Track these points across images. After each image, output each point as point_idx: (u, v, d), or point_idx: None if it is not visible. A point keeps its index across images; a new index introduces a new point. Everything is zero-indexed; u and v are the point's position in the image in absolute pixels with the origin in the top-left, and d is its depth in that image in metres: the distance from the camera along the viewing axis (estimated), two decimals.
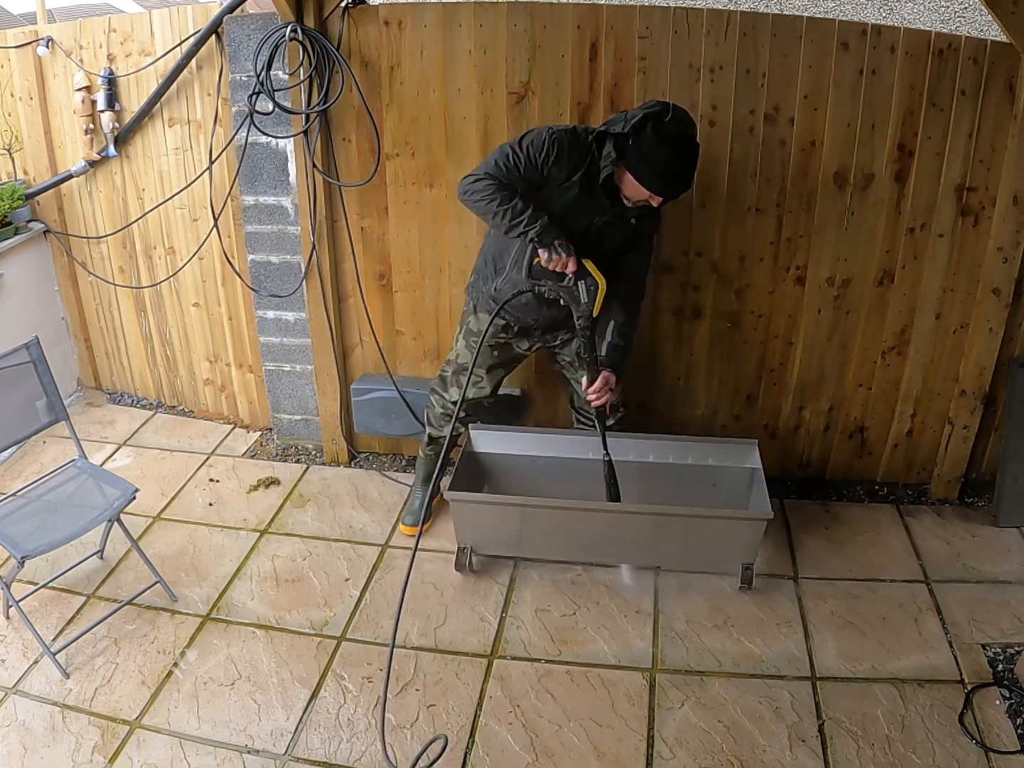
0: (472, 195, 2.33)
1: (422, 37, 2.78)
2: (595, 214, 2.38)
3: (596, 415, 2.62)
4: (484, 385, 2.78)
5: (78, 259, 3.72)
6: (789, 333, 3.01)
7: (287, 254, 3.21)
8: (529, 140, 2.32)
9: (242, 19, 2.92)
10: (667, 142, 2.19)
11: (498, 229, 2.39)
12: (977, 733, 2.15)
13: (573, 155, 2.31)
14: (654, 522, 2.63)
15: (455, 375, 2.78)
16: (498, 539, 2.77)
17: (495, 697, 2.31)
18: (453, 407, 2.79)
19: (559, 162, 2.30)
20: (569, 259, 2.33)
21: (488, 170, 2.31)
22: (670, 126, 2.20)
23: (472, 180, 2.33)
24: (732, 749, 2.14)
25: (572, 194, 2.35)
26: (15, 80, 3.44)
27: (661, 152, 2.19)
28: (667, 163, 2.21)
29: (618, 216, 2.38)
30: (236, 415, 3.75)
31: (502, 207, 2.28)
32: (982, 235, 2.76)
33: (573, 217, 2.37)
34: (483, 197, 2.30)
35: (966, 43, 2.56)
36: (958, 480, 3.12)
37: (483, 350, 2.64)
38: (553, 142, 2.30)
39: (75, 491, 2.63)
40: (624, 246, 2.50)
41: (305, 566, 2.84)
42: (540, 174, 2.32)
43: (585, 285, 2.36)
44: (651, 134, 2.19)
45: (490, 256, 2.59)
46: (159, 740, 2.18)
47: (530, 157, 2.30)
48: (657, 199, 2.27)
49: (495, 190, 2.29)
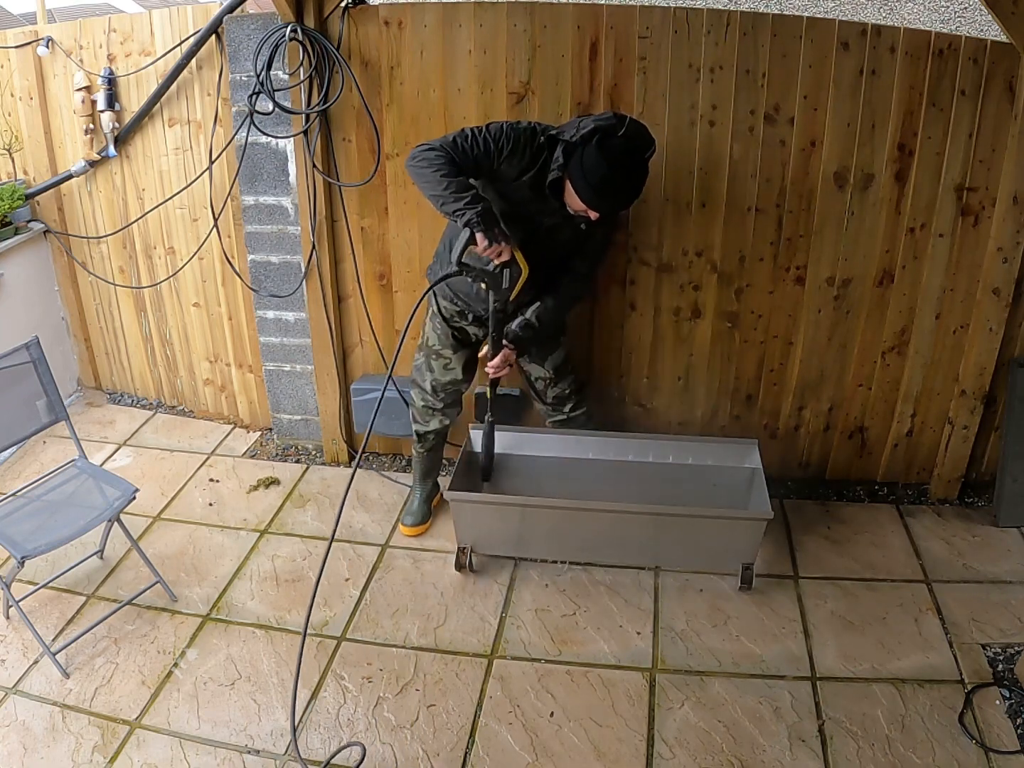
0: (421, 162, 2.26)
1: (422, 37, 2.78)
2: (543, 215, 2.38)
3: (491, 383, 2.70)
4: (454, 366, 2.78)
5: (78, 259, 3.72)
6: (789, 333, 3.01)
7: (287, 254, 3.21)
8: (490, 129, 2.31)
9: (242, 19, 2.92)
10: (610, 158, 2.16)
11: (435, 203, 2.29)
12: (977, 733, 2.15)
13: (527, 155, 2.30)
14: (654, 522, 2.63)
15: (427, 359, 2.79)
16: (498, 539, 2.77)
17: (495, 697, 2.31)
18: (432, 398, 2.82)
19: (512, 158, 2.30)
20: (505, 248, 2.30)
21: (444, 143, 2.28)
22: (616, 142, 2.17)
23: (426, 148, 2.27)
24: (732, 749, 2.14)
25: (521, 193, 2.34)
26: (15, 80, 3.44)
27: (600, 167, 2.16)
28: (604, 179, 2.18)
29: (567, 219, 2.36)
30: (236, 415, 3.75)
31: (446, 179, 2.23)
32: (982, 235, 2.76)
33: (521, 216, 2.37)
34: (431, 165, 2.24)
35: (966, 43, 2.56)
36: (958, 480, 3.12)
37: (444, 331, 2.70)
38: (510, 138, 2.29)
39: (75, 491, 2.63)
40: (573, 248, 2.50)
41: (305, 566, 2.84)
42: (491, 165, 2.31)
43: (509, 272, 2.35)
44: (595, 147, 2.17)
45: (447, 241, 2.59)
46: (159, 740, 2.18)
47: (488, 144, 2.28)
48: (593, 213, 2.26)
49: (446, 163, 2.24)
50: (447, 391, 2.82)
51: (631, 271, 2.96)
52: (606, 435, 2.92)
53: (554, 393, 2.83)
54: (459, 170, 2.26)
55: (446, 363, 2.77)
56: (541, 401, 2.88)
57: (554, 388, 2.82)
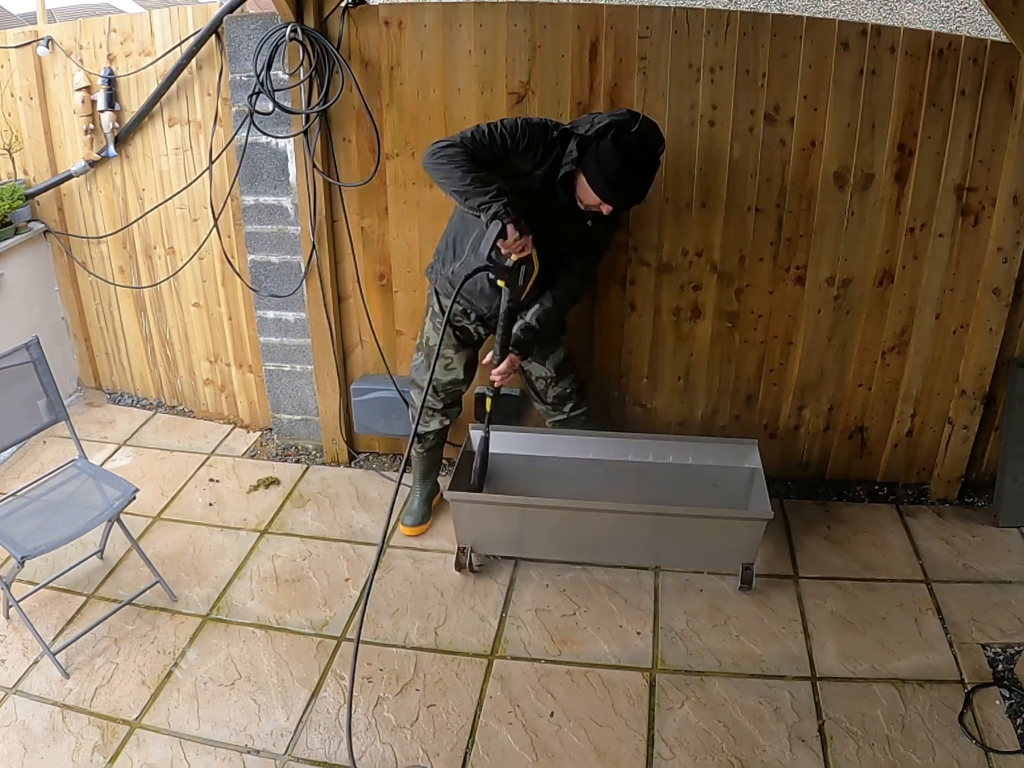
0: (441, 158, 2.25)
1: (422, 37, 2.78)
2: (550, 211, 2.38)
3: (493, 389, 2.64)
4: (455, 366, 2.77)
5: (78, 259, 3.72)
6: (789, 333, 3.01)
7: (287, 254, 3.21)
8: (504, 124, 2.34)
9: (242, 19, 2.92)
10: (624, 152, 2.20)
11: (459, 198, 2.28)
12: (977, 733, 2.15)
13: (540, 149, 2.32)
14: (654, 522, 2.63)
15: (427, 358, 2.79)
16: (498, 539, 2.77)
17: (495, 697, 2.31)
18: (432, 398, 2.83)
19: (526, 152, 2.32)
20: (529, 241, 2.27)
21: (462, 138, 2.29)
22: (631, 138, 2.22)
23: (445, 144, 2.27)
24: (732, 749, 2.14)
25: (532, 187, 2.35)
26: (15, 80, 3.44)
27: (615, 161, 2.20)
28: (619, 172, 2.21)
29: (575, 216, 2.38)
30: (236, 415, 3.75)
31: (469, 174, 2.22)
32: (982, 235, 2.76)
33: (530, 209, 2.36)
34: (451, 161, 2.23)
35: (966, 43, 2.56)
36: (958, 480, 3.12)
37: (447, 331, 2.69)
38: (525, 131, 2.32)
39: (75, 491, 2.63)
40: (574, 246, 2.51)
41: (305, 566, 2.84)
42: (507, 158, 2.32)
43: (525, 269, 2.34)
44: (610, 141, 2.21)
45: (451, 239, 2.60)
46: (159, 740, 2.18)
47: (504, 137, 2.31)
48: (607, 207, 2.28)
49: (466, 159, 2.24)
50: (447, 391, 2.82)
51: (631, 271, 2.96)
52: (606, 435, 2.92)
53: (555, 392, 2.83)
54: (479, 164, 2.26)
55: (447, 362, 2.76)
56: (541, 401, 2.88)
57: (555, 387, 2.81)
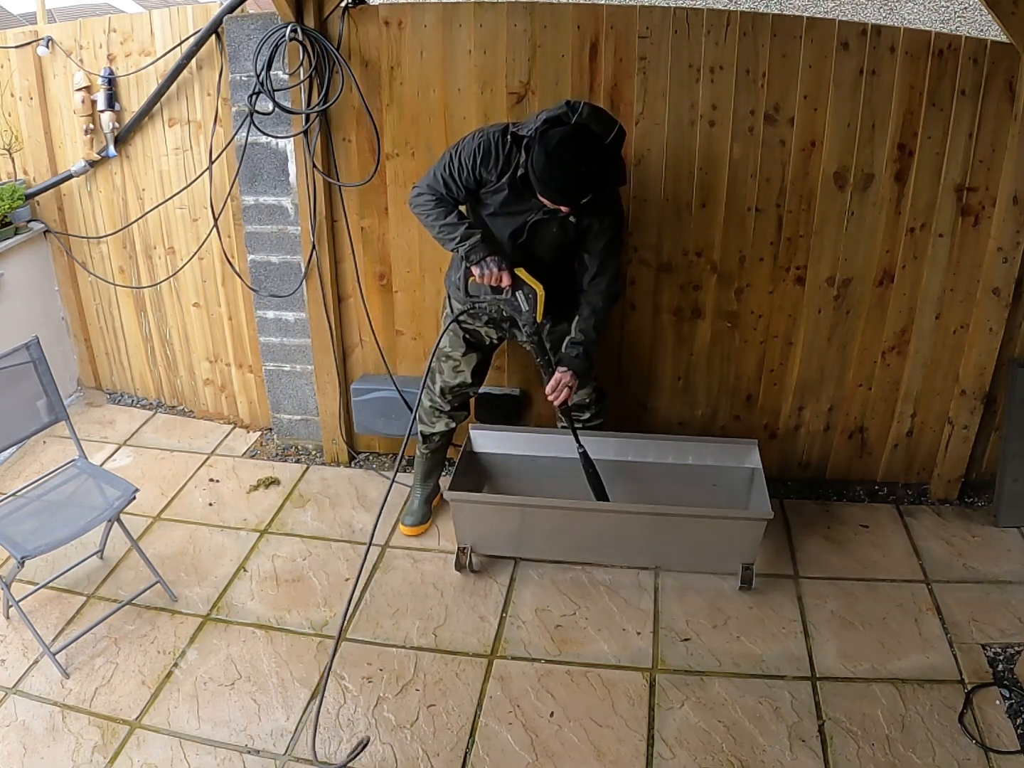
0: (415, 208, 2.46)
1: (422, 37, 2.78)
2: (527, 213, 2.38)
3: (561, 412, 2.66)
4: (463, 369, 2.76)
5: (78, 259, 3.72)
6: (789, 333, 3.01)
7: (287, 254, 3.21)
8: (461, 147, 2.36)
9: (242, 19, 2.92)
10: (547, 149, 2.14)
11: (439, 243, 2.47)
12: (977, 733, 2.15)
13: (500, 157, 2.31)
14: (654, 522, 2.63)
15: (438, 361, 2.79)
16: (498, 539, 2.77)
17: (495, 697, 2.31)
18: (440, 400, 2.82)
19: (486, 165, 2.33)
20: (502, 273, 2.36)
21: (429, 182, 2.41)
22: (555, 132, 2.15)
23: (415, 194, 2.47)
24: (732, 749, 2.14)
25: (503, 195, 2.36)
26: (15, 80, 3.44)
27: (541, 159, 2.15)
28: (547, 169, 2.15)
29: (551, 213, 2.34)
30: (236, 415, 3.75)
31: (437, 222, 2.39)
32: (982, 235, 2.76)
33: (507, 217, 2.39)
34: (421, 212, 2.44)
35: (966, 43, 2.56)
36: (958, 480, 3.12)
37: (455, 332, 2.71)
38: (478, 146, 2.32)
39: (75, 491, 2.63)
40: (567, 244, 2.46)
41: (305, 566, 2.84)
42: (474, 179, 2.36)
43: (523, 294, 2.41)
44: (536, 140, 2.17)
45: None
46: (159, 740, 2.18)
47: (462, 164, 2.35)
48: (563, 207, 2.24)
49: (433, 205, 2.39)
50: (455, 394, 2.82)
51: (631, 271, 2.96)
52: (606, 435, 2.91)
53: (575, 399, 2.77)
54: (451, 202, 2.40)
55: (455, 365, 2.76)
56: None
57: (575, 394, 2.73)
